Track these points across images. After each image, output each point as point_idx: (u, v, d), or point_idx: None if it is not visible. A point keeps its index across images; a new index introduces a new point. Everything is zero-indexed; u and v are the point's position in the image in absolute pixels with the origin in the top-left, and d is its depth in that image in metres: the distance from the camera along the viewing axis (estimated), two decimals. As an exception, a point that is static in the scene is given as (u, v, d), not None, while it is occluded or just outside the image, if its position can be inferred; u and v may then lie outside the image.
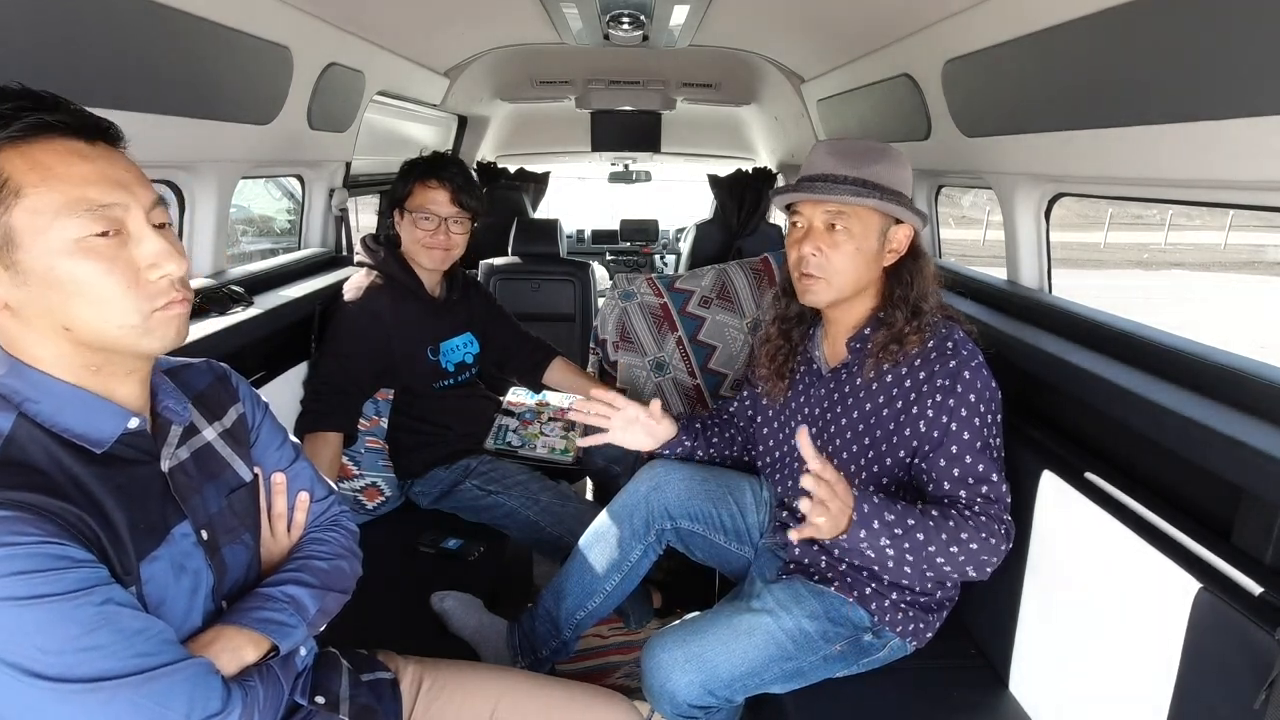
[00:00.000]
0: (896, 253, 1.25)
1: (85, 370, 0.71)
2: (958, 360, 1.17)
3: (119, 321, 0.69)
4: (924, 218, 1.25)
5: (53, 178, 0.65)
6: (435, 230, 1.74)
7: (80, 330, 0.68)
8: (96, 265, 0.67)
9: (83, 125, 0.68)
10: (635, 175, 4.51)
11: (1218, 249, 16.08)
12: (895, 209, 1.20)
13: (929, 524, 1.09)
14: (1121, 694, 1.02)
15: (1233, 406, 0.98)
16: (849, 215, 1.20)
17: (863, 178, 1.19)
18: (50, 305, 0.67)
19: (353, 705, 0.92)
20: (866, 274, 1.24)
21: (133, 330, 0.69)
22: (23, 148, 0.65)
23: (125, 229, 0.69)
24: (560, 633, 1.53)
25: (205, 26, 1.27)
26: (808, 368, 1.40)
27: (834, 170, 1.20)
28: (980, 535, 1.11)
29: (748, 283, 2.30)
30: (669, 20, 2.10)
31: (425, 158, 1.78)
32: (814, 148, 1.26)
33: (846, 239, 1.21)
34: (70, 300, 0.66)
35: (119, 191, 0.69)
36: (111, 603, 0.64)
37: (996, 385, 1.20)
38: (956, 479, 1.15)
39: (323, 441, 1.65)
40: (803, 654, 1.23)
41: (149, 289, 0.70)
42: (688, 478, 1.50)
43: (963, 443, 1.15)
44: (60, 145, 0.67)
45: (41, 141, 0.66)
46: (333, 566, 0.94)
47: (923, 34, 1.67)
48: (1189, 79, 0.98)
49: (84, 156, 0.68)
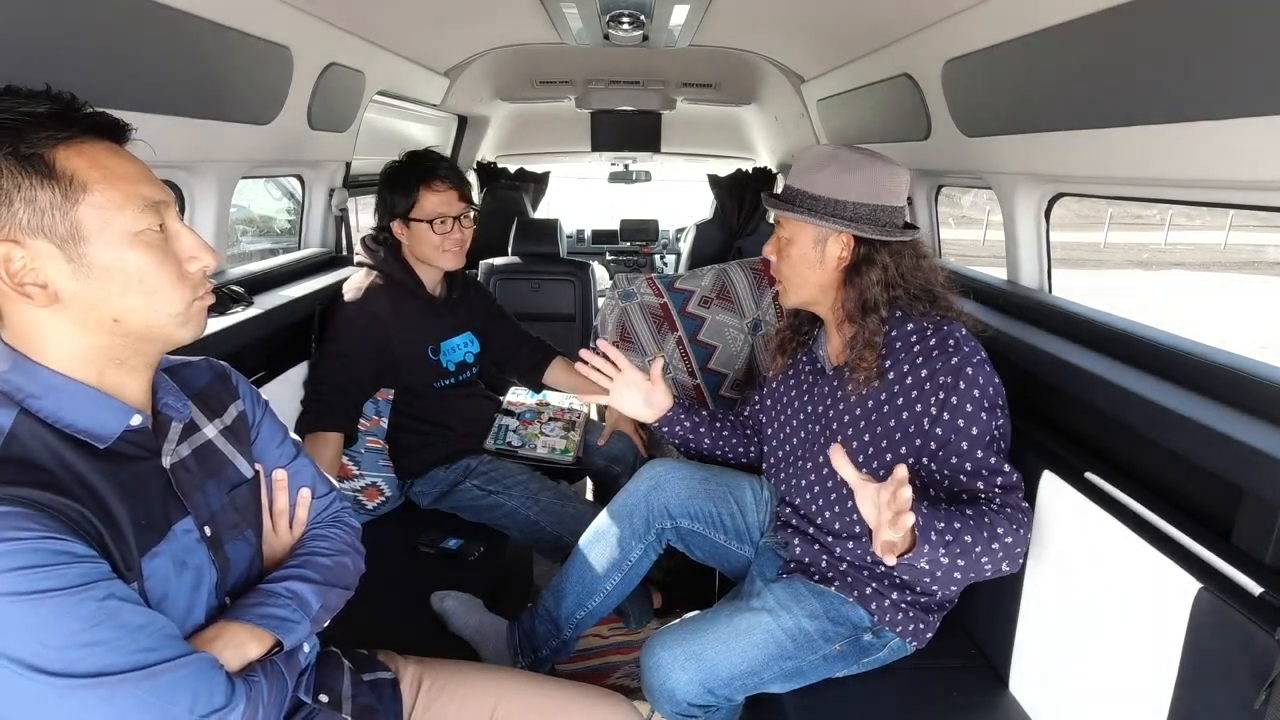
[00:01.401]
0: (843, 260, 1.25)
1: (110, 363, 0.73)
2: (960, 357, 1.17)
3: (168, 310, 0.73)
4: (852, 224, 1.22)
5: (113, 176, 0.69)
6: (451, 230, 1.74)
7: (130, 320, 0.72)
8: (154, 257, 0.72)
9: (115, 127, 0.73)
10: (635, 175, 4.51)
11: (1218, 249, 16.09)
12: (815, 222, 1.22)
13: (970, 524, 1.05)
14: (1121, 694, 1.02)
15: (1233, 406, 0.98)
16: (784, 226, 1.29)
17: (800, 189, 1.25)
18: (106, 295, 0.70)
19: (354, 705, 0.92)
20: (815, 280, 1.29)
21: (176, 318, 0.74)
22: (79, 147, 0.68)
23: (167, 225, 0.74)
24: (560, 632, 1.53)
25: (205, 26, 1.27)
26: (812, 366, 1.41)
27: (793, 181, 1.27)
28: (1012, 527, 1.07)
29: (748, 283, 2.30)
30: (669, 20, 2.10)
31: (410, 161, 1.76)
32: (801, 152, 1.33)
33: (788, 247, 1.29)
34: (128, 290, 0.70)
35: (160, 189, 0.73)
36: (114, 598, 0.65)
37: (999, 379, 1.20)
38: (971, 472, 1.14)
39: (323, 441, 1.65)
40: (802, 653, 1.24)
41: (191, 280, 0.75)
42: (688, 477, 1.50)
43: (972, 438, 1.15)
44: (106, 146, 0.71)
45: (92, 142, 0.70)
46: (335, 562, 0.94)
47: (923, 34, 1.67)
48: (1189, 79, 0.98)
49: (125, 157, 0.72)
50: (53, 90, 0.69)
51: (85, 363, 0.72)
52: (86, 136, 0.69)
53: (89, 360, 0.72)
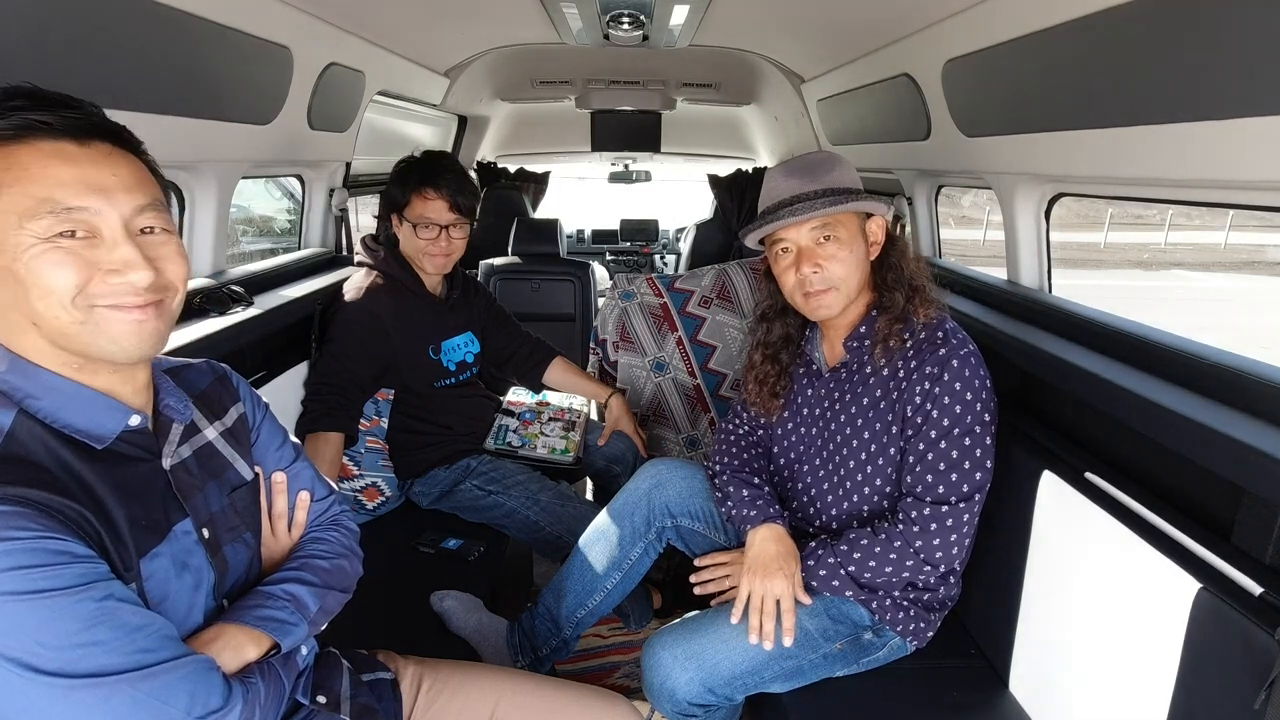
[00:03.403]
0: (878, 244, 1.30)
1: (69, 368, 0.71)
2: (947, 349, 1.19)
3: (64, 316, 0.68)
4: (888, 204, 1.30)
5: (26, 178, 0.66)
6: (436, 238, 1.74)
7: (42, 325, 0.68)
8: (52, 260, 0.67)
9: (75, 126, 0.69)
10: (635, 175, 4.51)
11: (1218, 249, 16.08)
12: (868, 205, 1.25)
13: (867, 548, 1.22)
14: (1121, 694, 1.02)
15: (1233, 406, 0.98)
16: (835, 224, 1.24)
17: (831, 186, 1.24)
18: (16, 298, 0.67)
19: (353, 705, 0.92)
20: (862, 273, 1.27)
21: (77, 326, 0.69)
22: (10, 147, 0.66)
23: (99, 233, 0.69)
24: (561, 631, 1.53)
25: (205, 26, 1.27)
26: (808, 370, 1.41)
27: (801, 189, 1.24)
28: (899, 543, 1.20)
29: (748, 283, 2.30)
30: (669, 20, 2.10)
31: (420, 160, 1.77)
32: (767, 176, 1.30)
33: (838, 247, 1.24)
34: (29, 293, 0.67)
35: (92, 196, 0.68)
36: (112, 598, 0.65)
37: (987, 374, 1.21)
38: (920, 468, 1.19)
39: (323, 441, 1.65)
40: (802, 652, 1.24)
41: (100, 287, 0.69)
42: (689, 476, 1.50)
43: (941, 428, 1.18)
44: (46, 146, 0.67)
45: (28, 141, 0.67)
46: (334, 565, 0.94)
47: (923, 34, 1.67)
48: (1189, 79, 0.98)
49: (67, 158, 0.68)
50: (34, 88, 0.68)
51: (58, 366, 0.71)
52: (23, 136, 0.67)
53: (57, 364, 0.71)
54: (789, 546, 1.29)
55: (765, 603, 1.22)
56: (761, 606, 1.22)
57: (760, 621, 1.22)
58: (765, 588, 1.23)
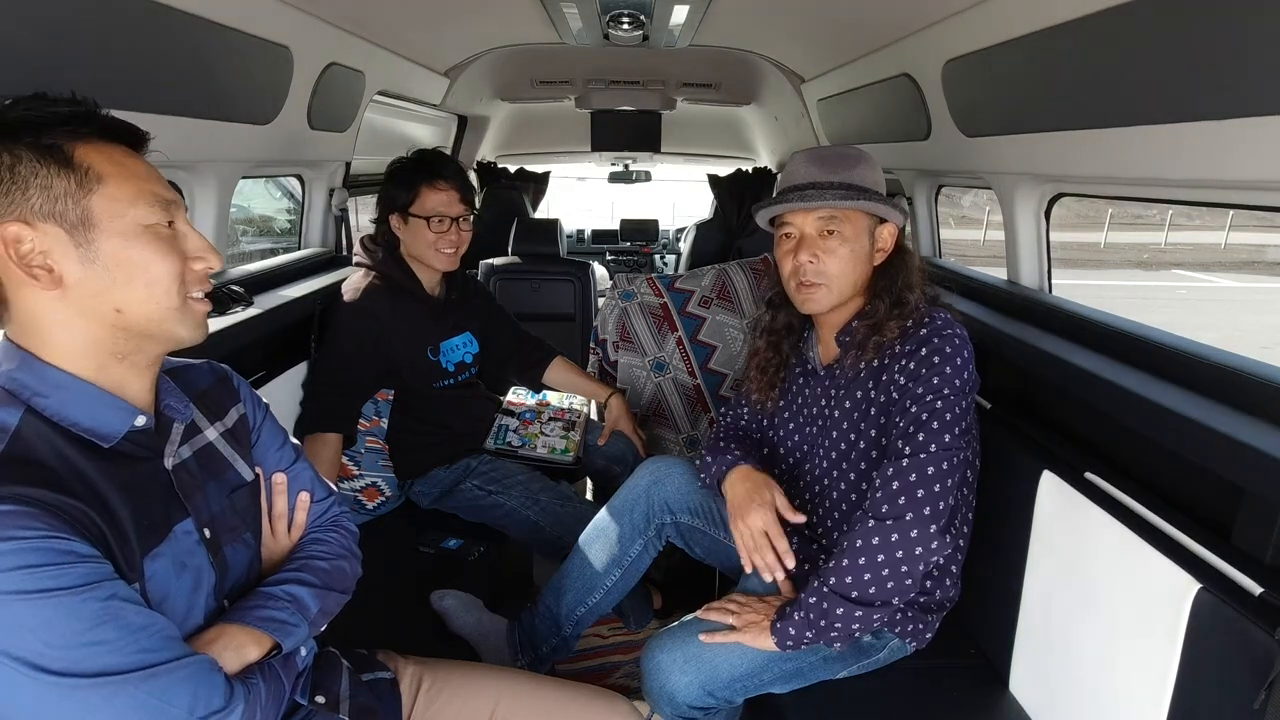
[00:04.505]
0: (884, 251, 1.28)
1: (112, 358, 0.74)
2: (930, 329, 1.18)
3: (168, 303, 0.75)
4: (905, 214, 1.28)
5: (127, 172, 0.73)
6: (448, 230, 1.74)
7: (131, 310, 0.73)
8: (159, 249, 0.74)
9: (133, 133, 0.77)
10: (635, 175, 4.51)
11: (1218, 249, 16.08)
12: (882, 209, 1.23)
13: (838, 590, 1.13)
14: (1121, 694, 1.02)
15: (1233, 406, 0.98)
16: (841, 219, 1.22)
17: (848, 182, 1.22)
18: (110, 283, 0.72)
19: (353, 705, 0.92)
20: (860, 275, 1.26)
21: (173, 313, 0.75)
22: (97, 145, 0.72)
23: (176, 224, 0.77)
24: (560, 629, 1.53)
25: (205, 26, 1.27)
26: (804, 368, 1.41)
27: (818, 178, 1.23)
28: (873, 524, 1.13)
29: (748, 283, 2.30)
30: (669, 20, 2.10)
31: (417, 159, 1.77)
32: (792, 159, 1.29)
33: (840, 243, 1.23)
34: (132, 279, 0.72)
35: (170, 191, 0.77)
36: (116, 598, 0.65)
37: (971, 355, 1.18)
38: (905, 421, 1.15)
39: (322, 442, 1.65)
40: (802, 654, 1.23)
41: (192, 276, 0.78)
42: (688, 472, 1.50)
43: (922, 402, 1.14)
44: (120, 148, 0.75)
45: (109, 143, 0.74)
46: (334, 566, 0.94)
47: (923, 34, 1.67)
48: (1188, 79, 0.98)
49: (139, 159, 0.77)
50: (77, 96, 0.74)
51: (85, 355, 0.73)
52: (105, 138, 0.73)
53: (88, 354, 0.73)
54: (759, 478, 1.33)
55: (756, 540, 1.26)
56: (755, 544, 1.26)
57: (762, 560, 1.26)
58: (747, 527, 1.27)
